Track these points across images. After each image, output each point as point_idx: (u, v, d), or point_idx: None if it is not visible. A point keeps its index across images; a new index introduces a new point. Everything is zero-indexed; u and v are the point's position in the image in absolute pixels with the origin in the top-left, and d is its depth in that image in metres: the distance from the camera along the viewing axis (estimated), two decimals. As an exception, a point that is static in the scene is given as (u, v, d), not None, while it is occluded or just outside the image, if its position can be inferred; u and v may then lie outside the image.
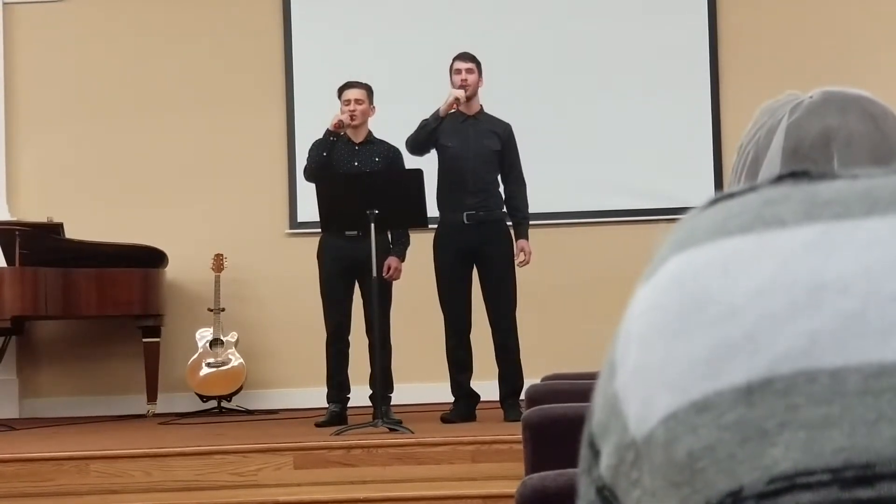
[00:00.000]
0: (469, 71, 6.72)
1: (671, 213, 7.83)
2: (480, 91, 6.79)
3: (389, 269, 6.63)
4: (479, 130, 6.72)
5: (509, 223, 6.74)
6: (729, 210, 0.60)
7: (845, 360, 0.54)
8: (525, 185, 6.78)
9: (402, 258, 6.73)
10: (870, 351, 0.54)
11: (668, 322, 0.58)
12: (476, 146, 6.67)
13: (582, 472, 0.63)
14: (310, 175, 6.65)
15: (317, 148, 6.69)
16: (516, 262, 6.69)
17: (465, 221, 6.60)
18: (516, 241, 6.72)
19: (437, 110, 6.61)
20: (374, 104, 6.84)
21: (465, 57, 6.77)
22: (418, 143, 6.65)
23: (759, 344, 0.56)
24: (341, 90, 6.83)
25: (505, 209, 6.74)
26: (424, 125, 6.64)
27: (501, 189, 6.76)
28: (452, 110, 6.60)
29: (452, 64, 6.77)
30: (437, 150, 6.70)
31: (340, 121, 6.60)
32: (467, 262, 6.64)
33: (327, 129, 6.64)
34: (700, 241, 0.60)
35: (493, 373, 6.69)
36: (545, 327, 7.53)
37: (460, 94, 6.59)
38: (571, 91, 8.22)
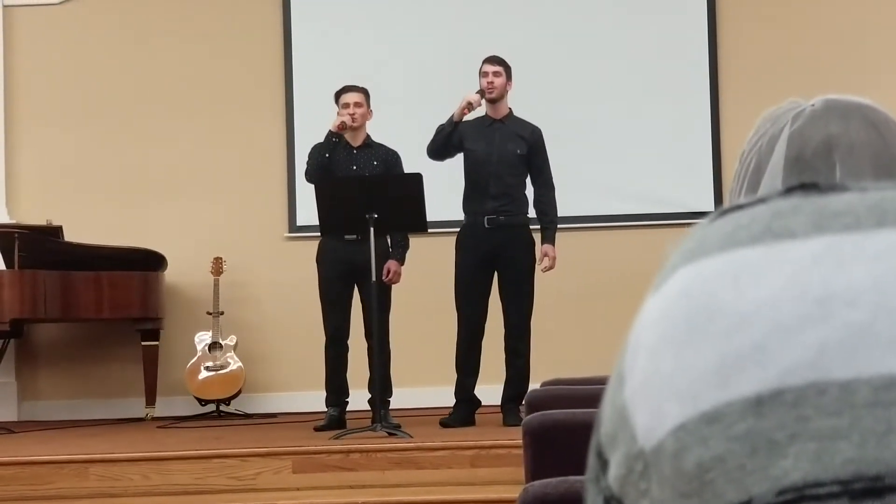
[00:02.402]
0: (496, 74, 6.70)
1: (670, 219, 7.83)
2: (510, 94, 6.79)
3: (389, 272, 6.63)
4: (505, 134, 6.70)
5: (534, 227, 6.73)
6: (738, 221, 0.60)
7: (855, 371, 0.55)
8: (553, 189, 6.76)
9: (401, 261, 6.73)
10: (879, 362, 0.55)
11: (677, 332, 0.58)
12: (500, 150, 6.65)
13: (590, 482, 0.63)
14: (311, 176, 6.66)
15: (318, 149, 6.70)
16: (539, 267, 6.67)
17: (486, 225, 6.59)
18: (542, 245, 6.70)
19: (452, 115, 6.60)
20: (372, 108, 6.84)
21: (492, 60, 6.75)
22: (436, 149, 6.65)
23: (769, 355, 0.56)
24: (339, 94, 6.83)
25: (530, 214, 6.73)
26: (440, 130, 6.63)
27: (529, 193, 6.75)
28: (466, 114, 6.58)
29: (481, 67, 6.77)
30: (463, 153, 6.70)
31: (343, 122, 6.60)
32: (487, 266, 6.62)
33: (329, 131, 6.65)
34: (710, 252, 0.60)
35: (495, 377, 6.68)
36: (547, 331, 7.52)
37: (474, 98, 6.57)
38: (571, 96, 8.22)
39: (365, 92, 6.81)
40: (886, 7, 8.25)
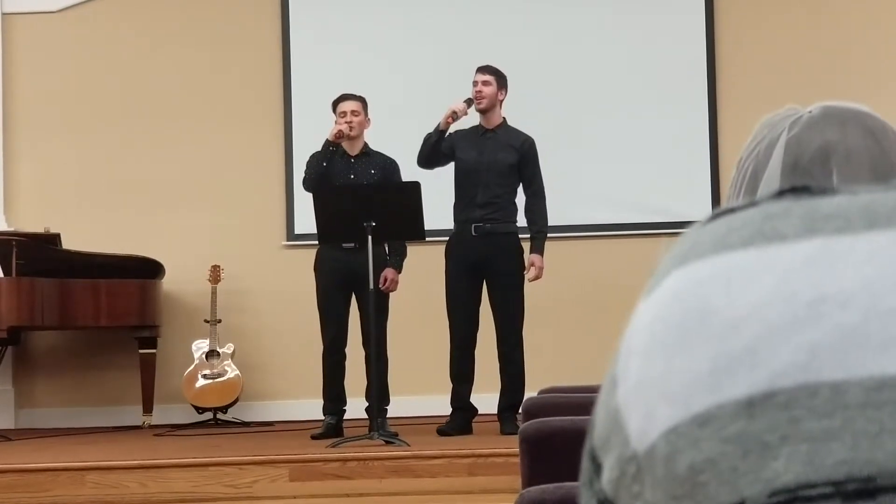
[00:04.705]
0: (485, 83, 6.71)
1: (668, 227, 7.84)
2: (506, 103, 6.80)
3: (386, 280, 6.63)
4: (497, 144, 6.71)
5: (524, 236, 6.73)
6: (730, 224, 0.61)
7: (846, 373, 0.55)
8: (544, 198, 6.76)
9: (398, 269, 6.74)
10: (870, 364, 0.55)
11: (669, 335, 0.58)
12: (490, 159, 6.66)
13: (583, 485, 0.64)
14: (309, 185, 6.66)
15: (316, 158, 6.70)
16: (526, 276, 6.67)
17: (473, 233, 6.61)
18: (529, 254, 6.70)
19: (438, 124, 6.62)
20: (370, 116, 6.85)
21: (483, 69, 6.77)
22: (423, 157, 6.66)
23: (760, 357, 0.56)
24: (336, 103, 6.83)
25: (520, 223, 6.73)
26: (427, 139, 6.65)
27: (520, 202, 6.75)
28: (451, 123, 6.59)
29: (474, 74, 6.77)
30: (454, 162, 6.71)
31: (340, 130, 6.60)
32: (476, 274, 6.64)
33: (327, 140, 6.65)
34: (702, 255, 0.60)
35: (491, 386, 6.69)
36: (543, 340, 7.53)
37: (459, 107, 6.58)
38: (569, 105, 8.23)
39: (363, 100, 6.81)
40: (884, 15, 8.27)
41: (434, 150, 6.63)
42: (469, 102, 6.65)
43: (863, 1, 8.28)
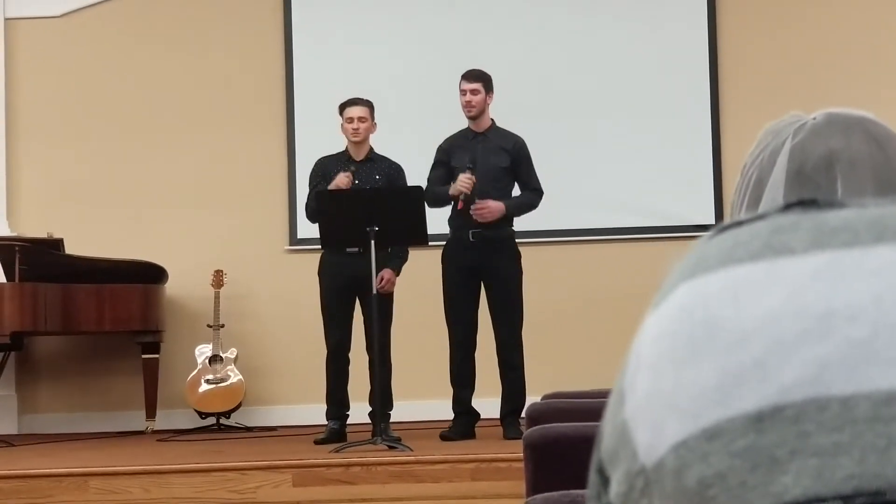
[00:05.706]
0: (473, 92, 6.68)
1: (670, 231, 7.84)
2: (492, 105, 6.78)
3: (382, 279, 6.61)
4: (488, 148, 6.69)
5: (520, 240, 6.72)
6: (738, 238, 0.61)
7: (855, 387, 0.55)
8: (541, 194, 6.72)
9: (397, 271, 6.73)
10: (879, 378, 0.55)
11: (677, 349, 0.58)
12: (483, 164, 6.64)
13: (591, 499, 0.63)
14: (311, 218, 6.67)
15: (318, 198, 6.57)
16: (472, 210, 6.52)
17: (471, 239, 6.59)
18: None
19: (449, 190, 6.55)
20: (376, 120, 6.84)
21: (469, 76, 6.72)
22: (433, 205, 6.63)
23: (769, 371, 0.56)
24: (343, 107, 6.82)
25: (516, 226, 6.71)
26: (437, 194, 6.61)
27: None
28: (463, 204, 6.52)
29: (460, 83, 6.75)
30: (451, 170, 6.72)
31: (343, 186, 6.57)
32: (473, 279, 6.63)
33: (329, 189, 6.57)
34: (709, 269, 0.60)
35: (494, 390, 6.68)
36: (544, 345, 7.53)
37: (467, 186, 6.45)
38: (571, 109, 8.23)
39: (369, 105, 6.80)
40: (887, 18, 8.26)
41: (442, 205, 6.64)
42: (471, 170, 6.55)
43: (866, 4, 8.28)
